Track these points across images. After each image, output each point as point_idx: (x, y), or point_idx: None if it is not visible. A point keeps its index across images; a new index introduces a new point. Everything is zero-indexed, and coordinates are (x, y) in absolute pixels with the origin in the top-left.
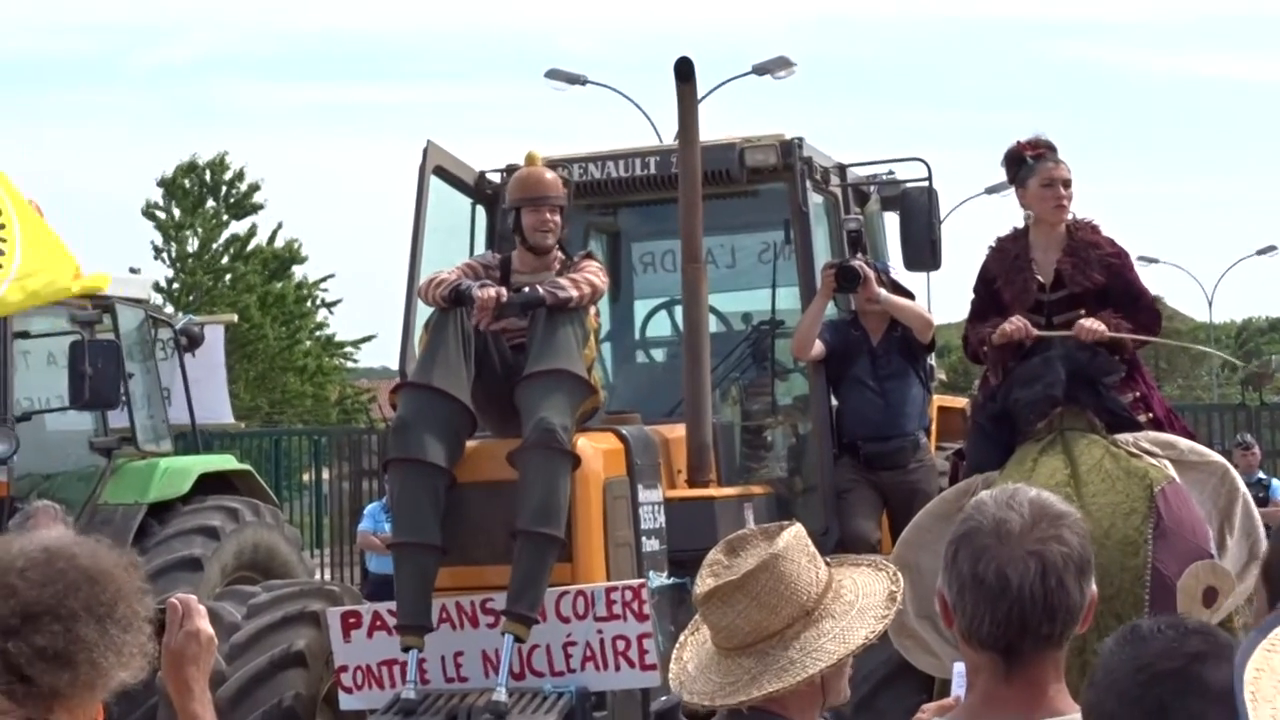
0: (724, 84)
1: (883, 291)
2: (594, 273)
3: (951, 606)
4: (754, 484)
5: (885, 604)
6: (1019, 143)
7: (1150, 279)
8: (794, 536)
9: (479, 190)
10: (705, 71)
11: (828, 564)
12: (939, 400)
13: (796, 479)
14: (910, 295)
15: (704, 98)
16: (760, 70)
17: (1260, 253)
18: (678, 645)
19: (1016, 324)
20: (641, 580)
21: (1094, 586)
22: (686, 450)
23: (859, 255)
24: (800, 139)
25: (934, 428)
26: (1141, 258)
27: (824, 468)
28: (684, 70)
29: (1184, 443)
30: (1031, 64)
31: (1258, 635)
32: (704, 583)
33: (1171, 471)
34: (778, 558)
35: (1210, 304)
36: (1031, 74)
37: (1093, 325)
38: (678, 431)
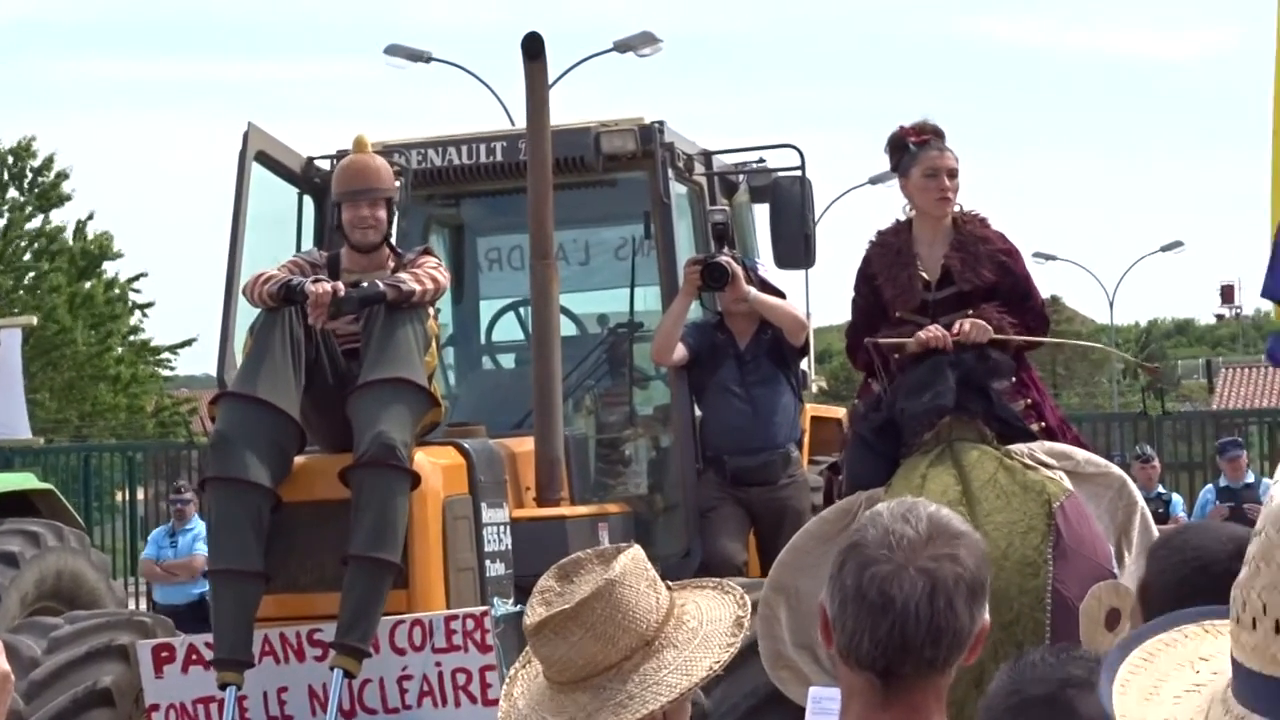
0: (582, 62)
1: (751, 290)
2: (434, 269)
3: (832, 621)
4: (610, 502)
5: (732, 630)
6: (902, 127)
7: (1047, 278)
8: (632, 560)
9: (306, 179)
10: (562, 48)
11: (669, 588)
12: (812, 409)
13: (657, 496)
14: (781, 294)
15: (559, 78)
16: (622, 47)
17: (1165, 249)
18: (507, 680)
19: (935, 333)
20: (485, 608)
21: (986, 614)
22: (535, 465)
23: (725, 251)
24: (661, 123)
25: (807, 440)
26: (1038, 254)
27: (686, 484)
28: (532, 47)
29: (1080, 453)
30: (926, 41)
31: (1119, 652)
32: (534, 612)
33: (1068, 484)
34: (614, 584)
35: (1111, 305)
36: (925, 52)
37: (978, 326)
38: (526, 445)
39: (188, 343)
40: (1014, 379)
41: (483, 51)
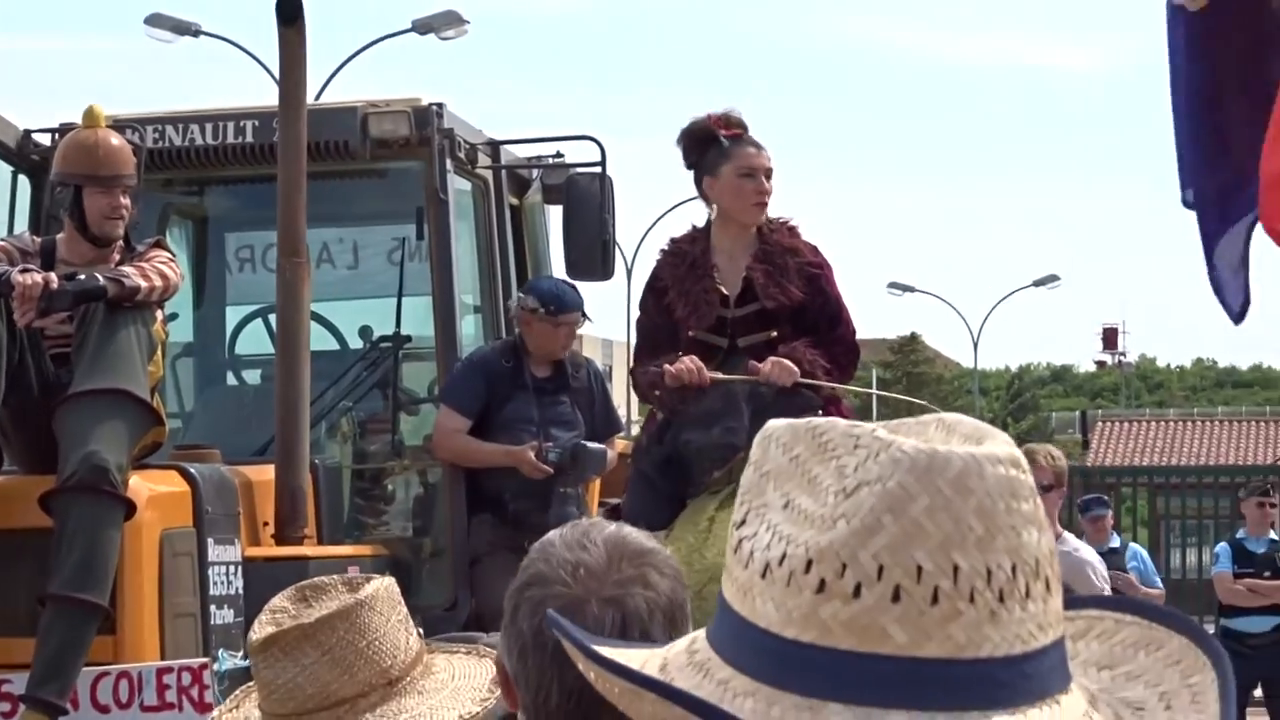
0: (375, 43)
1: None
2: (165, 263)
3: (513, 677)
4: (367, 543)
5: (488, 687)
6: (710, 117)
7: (904, 313)
8: (384, 588)
9: (21, 154)
10: (357, 26)
11: (420, 636)
12: (622, 445)
13: (424, 540)
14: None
15: (347, 61)
16: (422, 28)
17: (1039, 284)
18: None
19: (688, 364)
20: (205, 660)
21: None
22: (275, 497)
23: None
24: (440, 105)
25: (598, 480)
26: (894, 285)
27: (456, 526)
28: (287, 7)
29: None
30: (772, 38)
31: None
32: (262, 629)
33: None
34: (362, 606)
35: (976, 345)
36: (769, 51)
37: (783, 367)
38: (267, 474)
39: None
40: (821, 413)
41: (261, 26)
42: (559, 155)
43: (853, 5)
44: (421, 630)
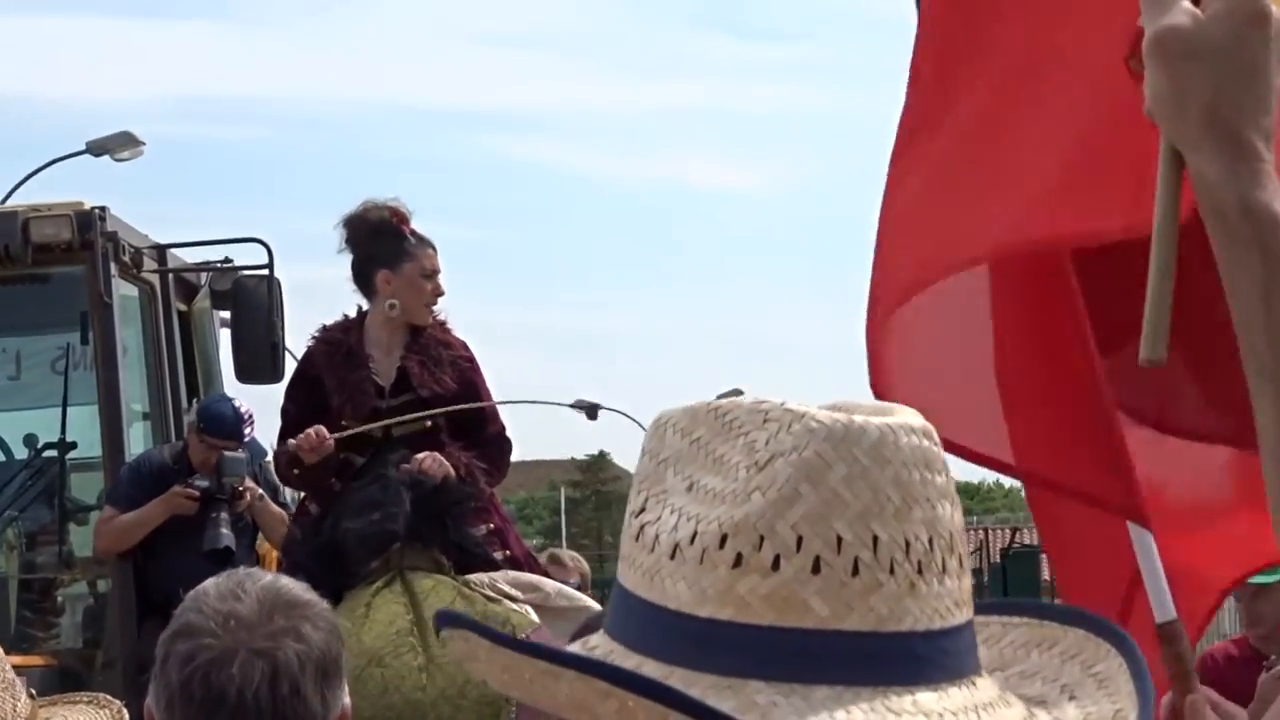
0: (50, 164)
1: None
2: None
3: None
4: (36, 654)
5: None
6: (393, 210)
7: (592, 431)
8: None
9: None
10: (36, 149)
11: (32, 697)
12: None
13: (96, 651)
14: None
15: (22, 182)
16: (97, 150)
17: (722, 399)
18: None
19: (309, 433)
20: None
21: (346, 697)
22: None
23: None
24: (104, 208)
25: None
26: (579, 403)
27: (126, 634)
28: None
29: (550, 584)
30: (442, 160)
31: None
32: None
33: (535, 617)
34: None
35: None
36: (439, 171)
37: (437, 460)
38: None
39: None
40: (475, 504)
41: None
42: (227, 260)
43: (519, 126)
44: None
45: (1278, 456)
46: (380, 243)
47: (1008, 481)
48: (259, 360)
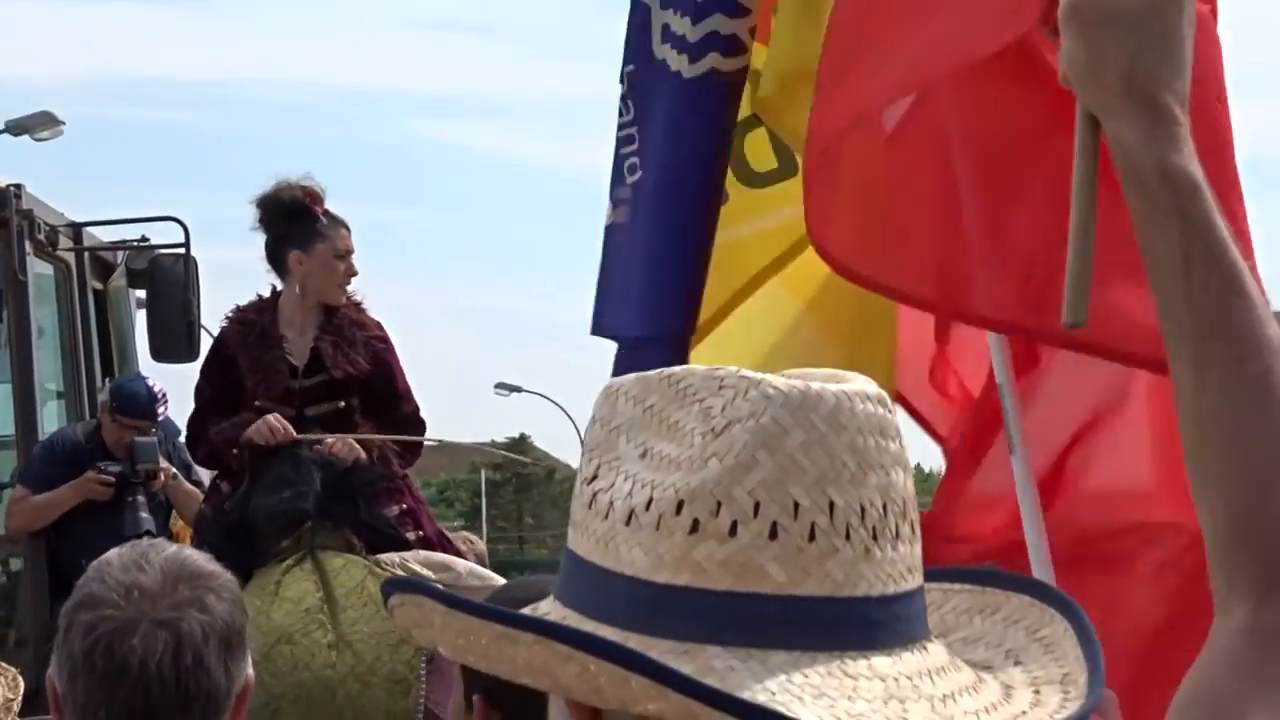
0: None
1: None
2: None
3: (62, 698)
4: None
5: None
6: (306, 190)
7: (512, 413)
8: None
9: None
10: None
11: None
12: None
13: (8, 631)
14: None
15: None
16: (16, 129)
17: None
18: None
19: (275, 424)
20: None
21: (249, 669)
22: None
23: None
24: (19, 186)
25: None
26: (501, 386)
27: (38, 613)
28: None
29: (461, 564)
30: (359, 141)
31: None
32: None
33: None
34: None
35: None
36: (357, 154)
37: (348, 444)
38: None
39: None
40: (388, 484)
41: None
42: (144, 239)
43: (447, 109)
44: None
45: (1195, 417)
46: (293, 223)
47: None
48: (174, 339)
